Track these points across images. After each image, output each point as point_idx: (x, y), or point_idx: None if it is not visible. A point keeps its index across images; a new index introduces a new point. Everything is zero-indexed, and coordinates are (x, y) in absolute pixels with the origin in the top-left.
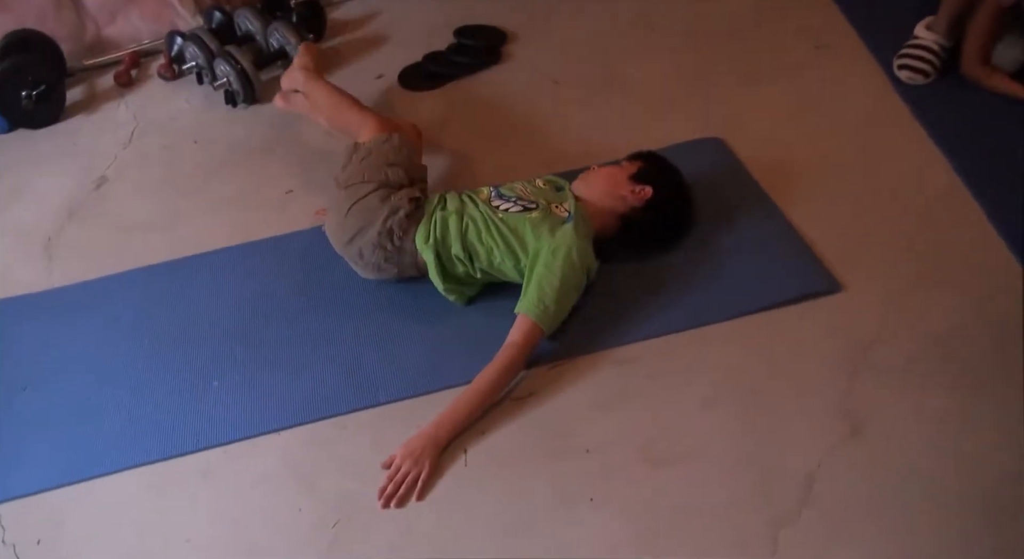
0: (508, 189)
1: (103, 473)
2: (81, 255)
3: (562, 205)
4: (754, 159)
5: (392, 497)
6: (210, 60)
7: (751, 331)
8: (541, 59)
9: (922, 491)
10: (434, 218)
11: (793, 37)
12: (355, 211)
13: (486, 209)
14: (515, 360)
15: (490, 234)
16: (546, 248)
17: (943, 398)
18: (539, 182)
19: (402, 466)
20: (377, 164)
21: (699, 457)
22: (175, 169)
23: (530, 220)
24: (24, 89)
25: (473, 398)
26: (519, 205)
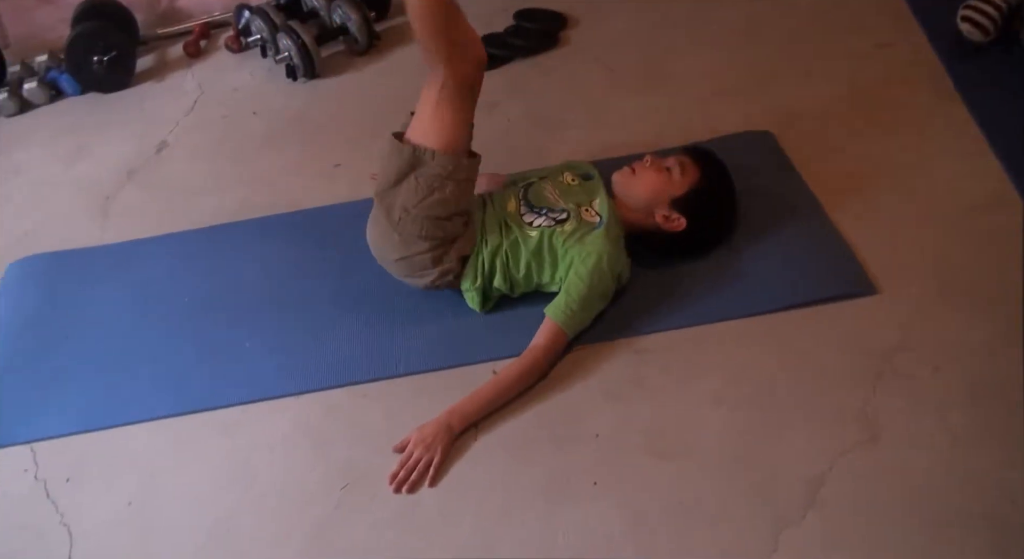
0: (536, 195)
1: (132, 421)
2: (135, 215)
3: (591, 206)
4: (802, 155)
5: (404, 482)
6: (273, 34)
7: (778, 328)
8: (598, 46)
9: (931, 505)
10: (479, 264)
11: (855, 34)
12: (405, 264)
13: (518, 232)
14: (538, 362)
15: (527, 258)
16: (577, 256)
17: (964, 413)
18: (568, 177)
19: (415, 451)
20: (437, 216)
21: (707, 452)
22: (232, 138)
23: (562, 233)
24: (96, 54)
25: (491, 392)
26: (550, 218)
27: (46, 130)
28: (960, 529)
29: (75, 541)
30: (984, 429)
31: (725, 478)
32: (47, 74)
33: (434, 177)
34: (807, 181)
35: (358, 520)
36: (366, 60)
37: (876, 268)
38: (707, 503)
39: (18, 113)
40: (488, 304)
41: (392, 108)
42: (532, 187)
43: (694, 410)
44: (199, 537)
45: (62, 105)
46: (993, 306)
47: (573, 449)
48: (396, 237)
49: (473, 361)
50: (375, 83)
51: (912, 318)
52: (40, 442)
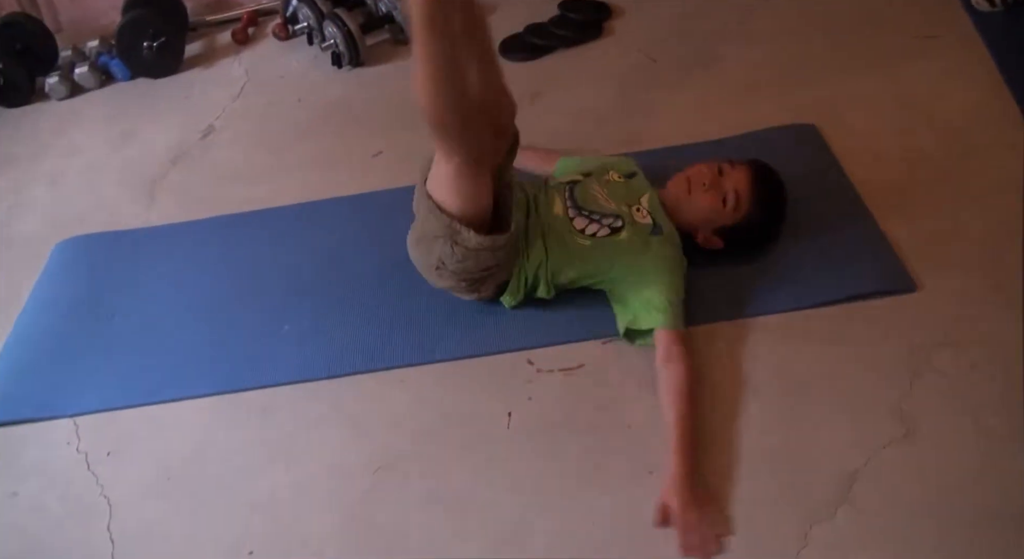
0: (583, 195)
1: (172, 399)
2: (180, 198)
3: (641, 206)
4: (845, 149)
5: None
6: (320, 21)
7: (817, 323)
8: (642, 36)
9: (965, 505)
10: (523, 279)
11: (903, 25)
12: (442, 289)
13: (568, 240)
14: (682, 365)
15: (578, 268)
16: (642, 264)
17: (1003, 413)
18: (613, 174)
19: (685, 514)
20: (473, 271)
21: (741, 444)
22: (277, 125)
23: (619, 242)
24: (146, 40)
25: (682, 423)
26: (604, 226)
27: (96, 114)
28: (992, 530)
29: (114, 512)
30: (1020, 430)
31: (758, 470)
32: (98, 59)
33: (469, 250)
34: (849, 175)
35: (392, 501)
36: (410, 49)
37: (919, 264)
38: (739, 494)
39: (69, 97)
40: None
41: None
42: (578, 186)
43: (730, 402)
44: (238, 512)
45: (112, 90)
46: None
47: (606, 438)
48: (434, 277)
49: (507, 349)
50: None
51: (952, 315)
52: (83, 416)
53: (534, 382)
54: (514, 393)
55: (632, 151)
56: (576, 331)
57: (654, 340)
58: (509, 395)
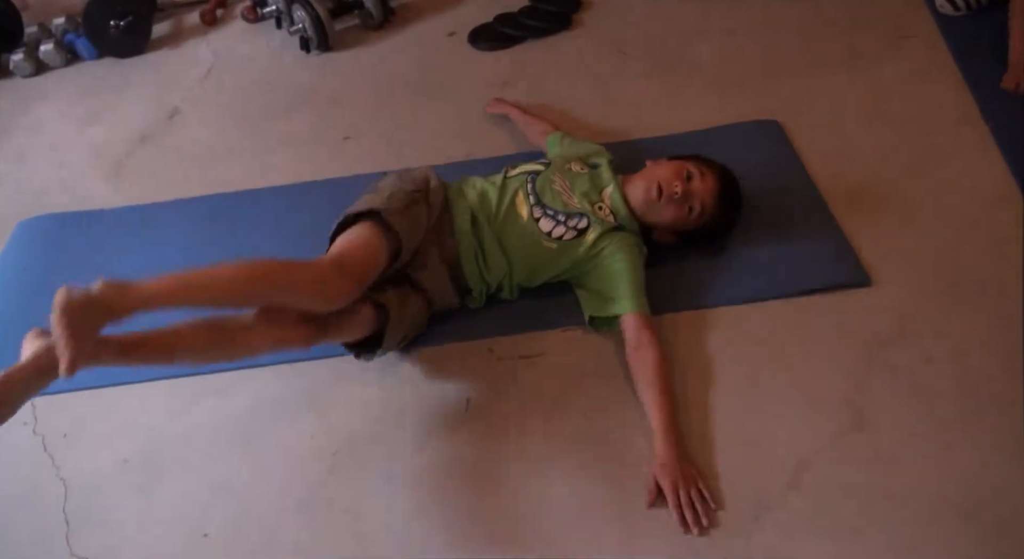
0: (545, 189)
1: (131, 381)
2: (146, 179)
3: (603, 204)
4: (809, 146)
5: (696, 522)
6: (289, 5)
7: (774, 315)
8: (611, 29)
9: (916, 494)
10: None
11: (872, 26)
12: None
13: (535, 246)
14: (654, 350)
15: (545, 269)
16: (606, 256)
17: (952, 407)
18: (575, 165)
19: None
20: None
21: (695, 430)
22: (244, 107)
23: (586, 243)
24: (113, 19)
25: (668, 406)
26: (571, 229)
27: (61, 92)
28: (942, 519)
29: (70, 494)
30: (972, 423)
31: (712, 456)
32: (64, 37)
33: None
34: (811, 172)
35: (350, 484)
36: (380, 35)
37: (876, 260)
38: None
39: (34, 74)
40: None
41: (403, 83)
42: (539, 178)
43: (687, 390)
44: (194, 494)
45: (78, 68)
46: (989, 302)
47: (564, 424)
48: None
49: (471, 338)
50: (387, 58)
51: (908, 310)
52: (39, 397)
53: (495, 369)
54: (474, 380)
55: (599, 142)
56: (538, 321)
57: (621, 326)
58: (469, 382)
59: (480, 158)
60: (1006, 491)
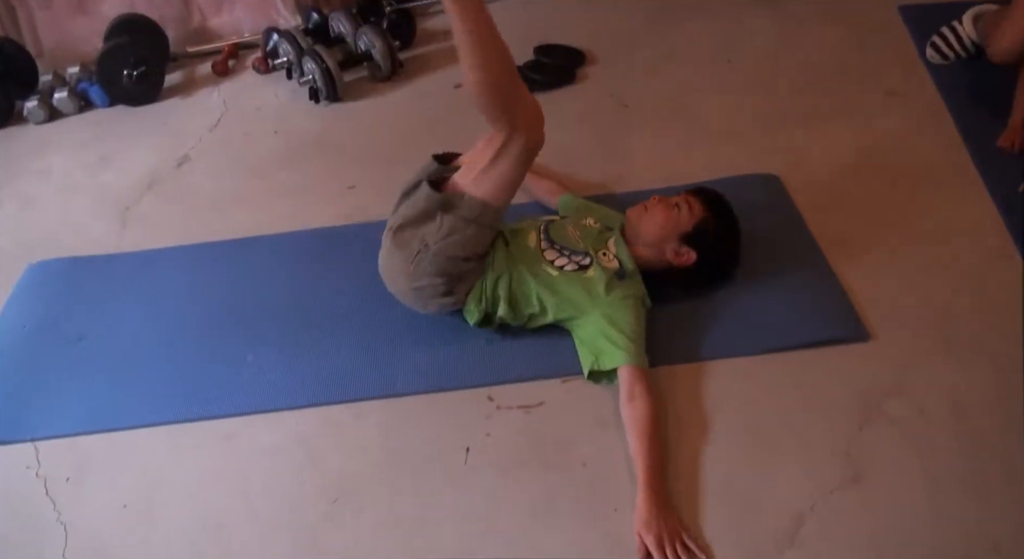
0: (557, 232)
1: (134, 425)
2: (152, 225)
3: (608, 249)
4: (807, 199)
5: None
6: (300, 57)
7: (771, 368)
8: (615, 82)
9: (911, 550)
10: (483, 289)
11: (869, 81)
12: (414, 295)
13: (539, 265)
14: (651, 402)
15: (540, 295)
16: (606, 305)
17: (949, 460)
18: (590, 220)
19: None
20: (455, 256)
21: (691, 482)
22: (252, 155)
23: (585, 279)
24: (126, 68)
25: (655, 455)
26: (573, 262)
27: (73, 138)
28: None
29: (70, 539)
30: (968, 477)
31: (708, 510)
32: (78, 85)
33: (460, 218)
34: (809, 225)
35: (346, 530)
36: (388, 86)
37: (873, 314)
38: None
39: (47, 121)
40: (489, 326)
41: (410, 134)
42: (553, 224)
43: (685, 442)
44: (192, 539)
45: (90, 116)
46: (987, 356)
47: (561, 475)
48: (411, 269)
49: (470, 386)
50: (395, 109)
51: (905, 365)
52: (44, 441)
53: (493, 418)
54: (473, 429)
55: (602, 194)
56: (537, 369)
57: (618, 378)
58: (468, 431)
59: None
60: (1003, 547)
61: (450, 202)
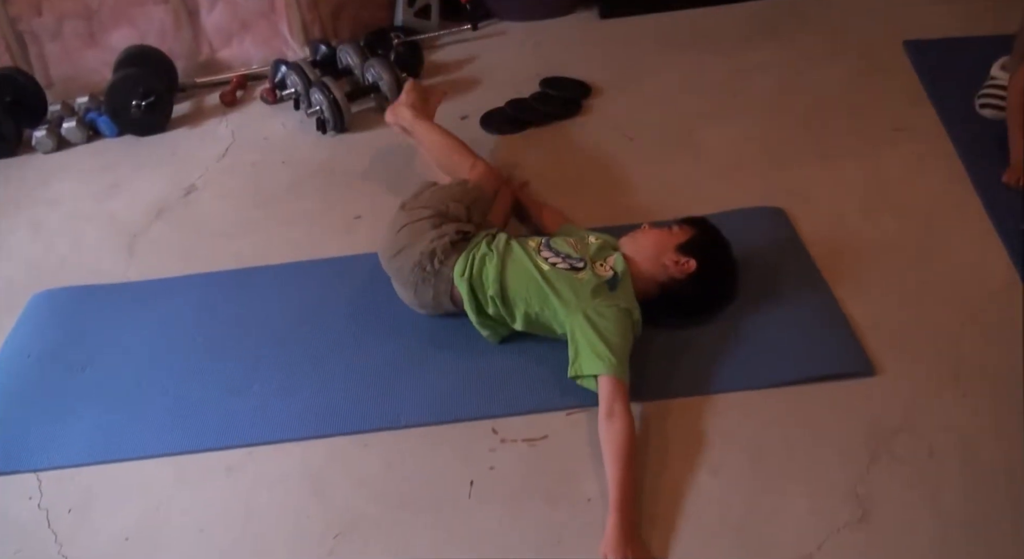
0: (559, 242)
1: (138, 456)
2: (160, 254)
3: (607, 263)
4: (813, 233)
5: None
6: (307, 88)
7: (777, 403)
8: (620, 115)
9: None
10: (473, 253)
11: (875, 116)
12: (406, 230)
13: (532, 258)
14: (628, 421)
15: (529, 285)
16: (592, 309)
17: (959, 499)
18: (591, 239)
19: None
20: (442, 197)
21: (696, 522)
22: (259, 185)
23: (575, 279)
24: (135, 99)
25: (626, 472)
26: (567, 263)
27: (81, 168)
28: None
29: None
30: (976, 518)
31: (715, 548)
32: (86, 115)
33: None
34: (815, 259)
35: None
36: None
37: (880, 349)
38: None
39: (55, 150)
40: (483, 318)
41: (416, 166)
42: (555, 237)
43: (689, 478)
44: None
45: (98, 145)
46: (992, 392)
47: (565, 510)
48: (401, 214)
49: (474, 417)
50: (401, 141)
51: (912, 400)
52: (46, 471)
53: (497, 451)
54: (477, 462)
55: (606, 225)
56: (541, 401)
57: (597, 386)
58: (472, 463)
59: None
60: None
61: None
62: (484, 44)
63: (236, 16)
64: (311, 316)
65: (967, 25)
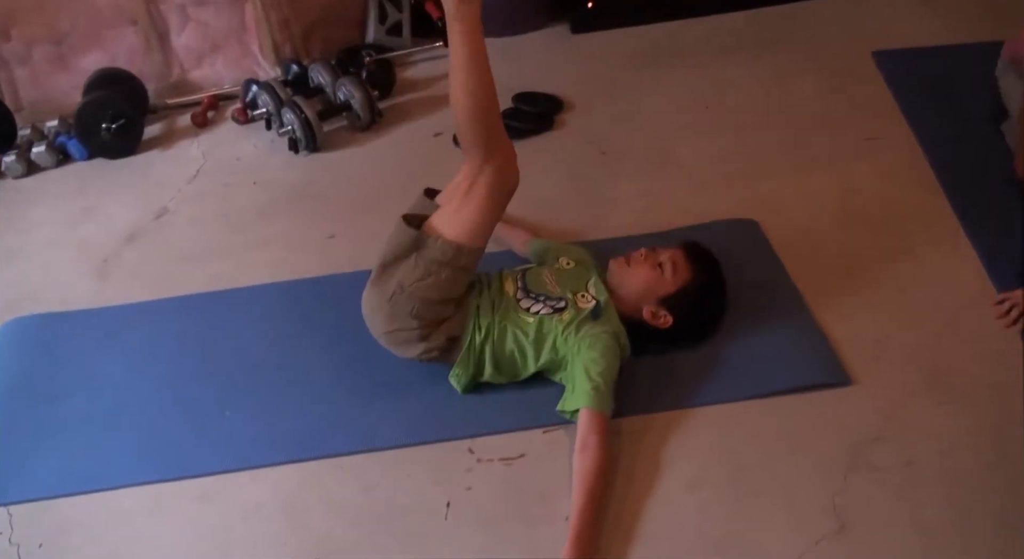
0: (534, 280)
1: (110, 487)
2: (132, 278)
3: (587, 293)
4: (787, 244)
5: None
6: (279, 108)
7: (753, 415)
8: (593, 129)
9: None
10: (473, 350)
11: (847, 127)
12: (392, 336)
13: (515, 317)
14: (599, 456)
15: (518, 342)
16: (581, 344)
17: (937, 508)
18: (565, 262)
19: None
20: (430, 299)
21: (674, 537)
22: (231, 207)
23: (560, 322)
24: (105, 122)
25: (591, 505)
26: (548, 306)
27: (51, 192)
28: None
29: None
30: (955, 525)
31: None
32: (56, 138)
33: (433, 261)
34: (789, 270)
35: None
36: (368, 136)
37: (857, 359)
38: None
39: (25, 175)
40: (471, 387)
41: (389, 184)
42: (529, 272)
43: (667, 493)
44: None
45: (68, 169)
46: (970, 402)
47: (543, 529)
48: (388, 309)
49: (450, 438)
50: (374, 159)
51: (889, 410)
52: (17, 505)
53: (474, 471)
54: (454, 483)
55: (582, 240)
56: (518, 419)
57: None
58: (448, 485)
59: None
60: None
61: (423, 242)
62: None
63: (207, 37)
64: (284, 338)
65: (936, 36)
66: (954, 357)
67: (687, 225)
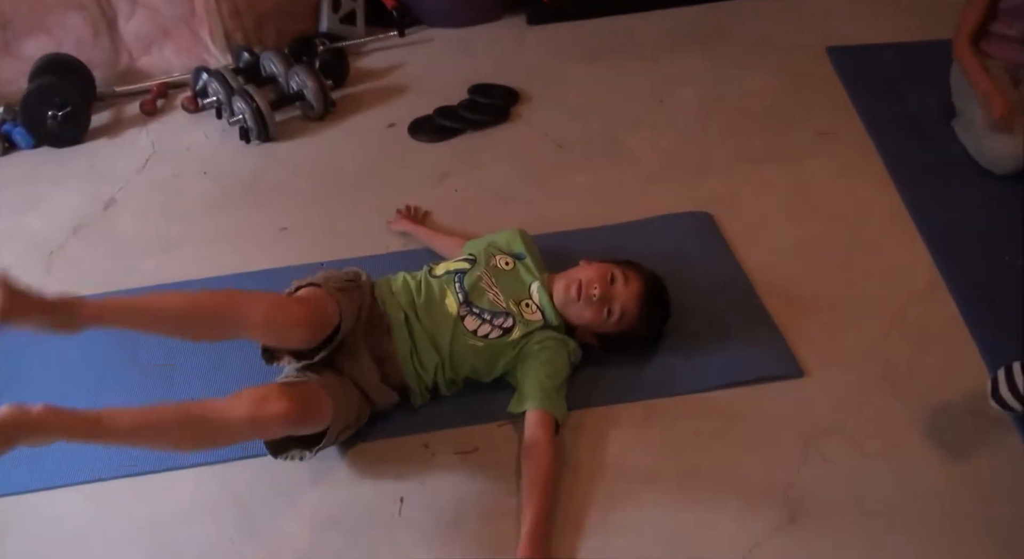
0: (474, 290)
1: (49, 487)
2: (78, 271)
3: (531, 298)
4: (740, 237)
5: None
6: (229, 96)
7: (707, 408)
8: (549, 122)
9: None
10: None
11: (801, 122)
12: None
13: (462, 341)
14: (548, 454)
15: (471, 364)
16: (532, 349)
17: (889, 498)
18: (500, 260)
19: None
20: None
21: (629, 529)
22: (181, 197)
23: (511, 342)
24: (51, 109)
25: (544, 500)
26: (496, 328)
27: None
28: None
29: None
30: (905, 513)
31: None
32: (1, 126)
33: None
34: (742, 264)
35: None
36: (321, 126)
37: (808, 351)
38: None
39: None
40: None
41: (343, 174)
42: (467, 276)
43: (621, 485)
44: None
45: (14, 158)
46: (920, 392)
47: (498, 522)
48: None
49: (406, 433)
50: (327, 149)
51: (841, 402)
52: None
53: (429, 466)
54: (408, 478)
55: (536, 233)
56: (472, 415)
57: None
58: (403, 480)
59: (415, 248)
60: None
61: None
62: (411, 51)
63: (156, 23)
64: None
65: (889, 33)
66: (905, 349)
67: (640, 217)
